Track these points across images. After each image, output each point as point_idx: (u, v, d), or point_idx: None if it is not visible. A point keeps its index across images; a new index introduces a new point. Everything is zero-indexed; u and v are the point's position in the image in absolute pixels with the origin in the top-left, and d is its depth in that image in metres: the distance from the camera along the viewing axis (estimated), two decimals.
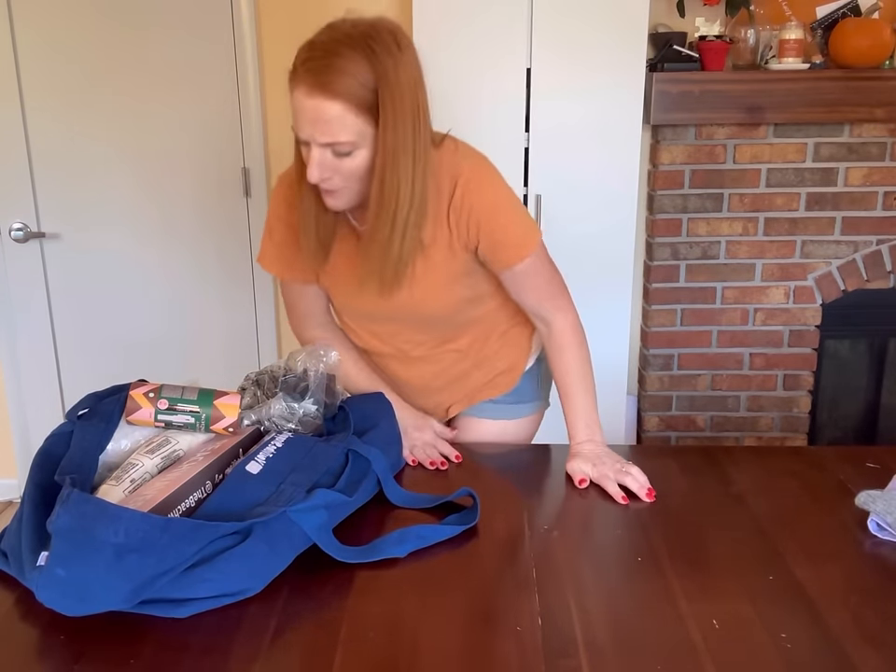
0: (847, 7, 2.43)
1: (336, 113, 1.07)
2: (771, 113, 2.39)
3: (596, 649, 0.85)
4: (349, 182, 1.16)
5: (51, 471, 0.99)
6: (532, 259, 1.28)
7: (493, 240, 1.25)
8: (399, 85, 1.10)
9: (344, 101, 1.07)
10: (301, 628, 0.89)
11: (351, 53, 1.07)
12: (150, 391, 1.11)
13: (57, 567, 0.85)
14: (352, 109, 1.08)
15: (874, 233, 2.57)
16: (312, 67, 1.07)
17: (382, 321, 1.38)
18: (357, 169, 1.13)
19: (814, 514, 1.13)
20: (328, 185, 1.16)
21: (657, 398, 2.72)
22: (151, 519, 0.88)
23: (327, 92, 1.06)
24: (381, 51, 1.08)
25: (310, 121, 1.09)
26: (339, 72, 1.06)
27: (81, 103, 2.53)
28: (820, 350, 2.70)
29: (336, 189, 1.16)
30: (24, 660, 0.84)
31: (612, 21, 2.21)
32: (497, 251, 1.27)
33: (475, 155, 1.27)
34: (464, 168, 1.23)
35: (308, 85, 1.07)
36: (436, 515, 1.13)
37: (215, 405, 1.12)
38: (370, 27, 1.10)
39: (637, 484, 1.19)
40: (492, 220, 1.24)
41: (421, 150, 1.14)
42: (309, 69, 1.08)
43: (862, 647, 0.85)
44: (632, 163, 2.32)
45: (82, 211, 2.62)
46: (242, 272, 2.69)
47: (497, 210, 1.24)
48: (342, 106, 1.07)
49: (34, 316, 2.71)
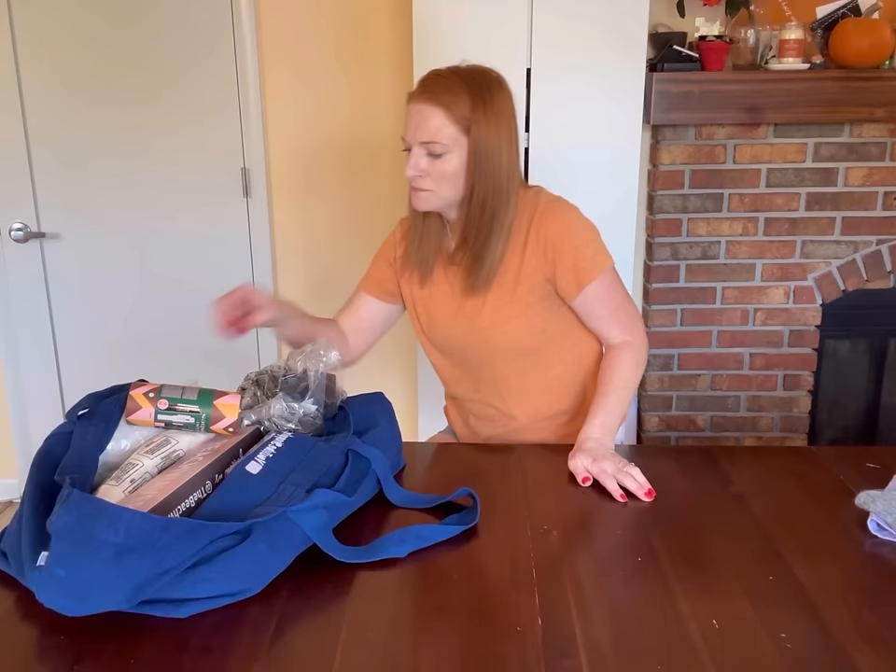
0: (847, 7, 2.43)
1: (435, 117, 1.33)
2: (771, 113, 2.39)
3: (596, 649, 0.85)
4: (438, 185, 1.37)
5: (51, 471, 0.99)
6: (601, 283, 1.41)
7: (565, 264, 1.40)
8: (493, 110, 1.34)
9: (444, 109, 1.32)
10: (300, 628, 0.89)
11: (456, 79, 1.35)
12: (150, 391, 1.11)
13: (57, 568, 0.85)
14: (449, 117, 1.33)
15: (874, 233, 2.57)
16: (424, 86, 1.36)
17: (459, 357, 1.53)
18: (446, 172, 1.36)
19: (814, 514, 1.13)
20: (419, 183, 1.38)
21: (657, 398, 2.72)
22: (151, 519, 0.88)
23: (431, 100, 1.33)
24: (481, 83, 1.35)
25: (414, 124, 1.35)
26: (443, 87, 1.34)
27: (81, 103, 2.53)
28: (820, 350, 2.70)
29: (426, 189, 1.38)
30: (24, 660, 0.84)
31: (612, 21, 2.21)
32: (569, 274, 1.40)
33: (555, 196, 1.46)
34: (542, 202, 1.43)
35: (418, 94, 1.35)
36: (436, 515, 1.13)
37: (215, 405, 1.12)
38: (477, 68, 1.38)
39: (635, 484, 1.19)
40: (565, 243, 1.39)
41: (506, 169, 1.37)
42: (421, 88, 1.36)
43: (862, 647, 0.85)
44: (632, 163, 2.32)
45: (82, 211, 2.63)
46: (242, 272, 2.69)
47: (568, 233, 1.40)
48: (442, 113, 1.32)
49: (34, 316, 2.71)
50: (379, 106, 2.57)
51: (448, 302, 1.49)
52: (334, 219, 2.68)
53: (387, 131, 2.59)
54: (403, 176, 2.59)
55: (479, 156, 1.34)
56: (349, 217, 2.67)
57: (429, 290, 1.51)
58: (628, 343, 1.43)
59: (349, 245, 2.70)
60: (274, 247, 2.70)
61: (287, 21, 2.50)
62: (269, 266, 2.69)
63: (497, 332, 1.44)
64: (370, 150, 2.61)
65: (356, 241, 2.69)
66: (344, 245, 2.70)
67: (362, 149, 2.61)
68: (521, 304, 1.43)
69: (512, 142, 1.38)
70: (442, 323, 1.51)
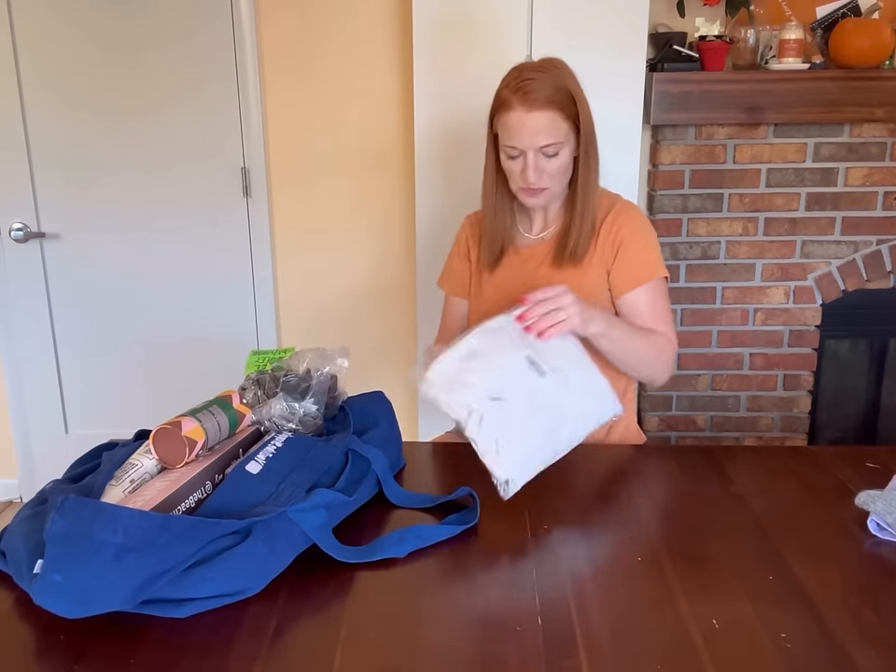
0: (847, 7, 2.43)
1: (549, 121, 1.38)
2: (771, 113, 2.39)
3: (596, 649, 0.85)
4: (553, 180, 1.44)
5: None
6: (653, 287, 1.48)
7: (624, 260, 1.47)
8: (582, 94, 1.41)
9: (555, 109, 1.37)
10: (300, 628, 0.89)
11: (547, 77, 1.38)
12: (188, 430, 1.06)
13: (53, 573, 0.85)
14: (560, 114, 1.38)
15: (874, 233, 2.57)
16: (521, 93, 1.37)
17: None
18: (560, 166, 1.43)
19: (814, 514, 1.13)
20: (540, 184, 1.43)
21: (657, 397, 2.72)
22: (150, 517, 0.88)
23: (540, 105, 1.37)
24: (565, 72, 1.41)
25: (528, 133, 1.38)
26: (545, 89, 1.37)
27: (81, 103, 2.53)
28: (820, 350, 2.70)
29: (544, 187, 1.44)
30: (24, 660, 0.84)
31: (612, 21, 2.21)
32: (623, 271, 1.48)
33: (631, 201, 1.55)
34: (621, 199, 1.53)
35: (524, 104, 1.37)
36: (436, 515, 1.13)
37: (234, 408, 1.14)
38: (548, 61, 1.43)
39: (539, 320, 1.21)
40: (632, 242, 1.47)
41: (597, 152, 1.47)
42: (520, 95, 1.38)
43: (862, 647, 0.85)
44: (632, 163, 2.32)
45: (82, 211, 2.63)
46: (242, 272, 2.69)
47: (639, 235, 1.48)
48: (554, 114, 1.38)
49: (34, 316, 2.71)
50: (379, 105, 2.57)
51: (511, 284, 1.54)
52: (334, 219, 2.67)
53: (387, 130, 2.59)
54: (403, 176, 2.60)
55: (588, 137, 1.43)
56: (349, 216, 2.67)
57: (499, 273, 1.57)
58: (669, 339, 1.49)
59: (349, 244, 2.70)
60: (274, 247, 2.70)
61: (286, 20, 2.50)
62: (269, 266, 2.69)
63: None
64: (370, 150, 2.61)
65: (356, 241, 2.69)
66: (344, 245, 2.70)
67: (362, 149, 2.61)
68: (585, 292, 1.43)
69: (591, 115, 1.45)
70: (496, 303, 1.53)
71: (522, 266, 1.56)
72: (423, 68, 2.27)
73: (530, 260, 1.55)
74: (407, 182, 2.61)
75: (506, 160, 1.45)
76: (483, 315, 1.52)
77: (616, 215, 1.49)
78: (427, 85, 2.28)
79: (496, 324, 1.23)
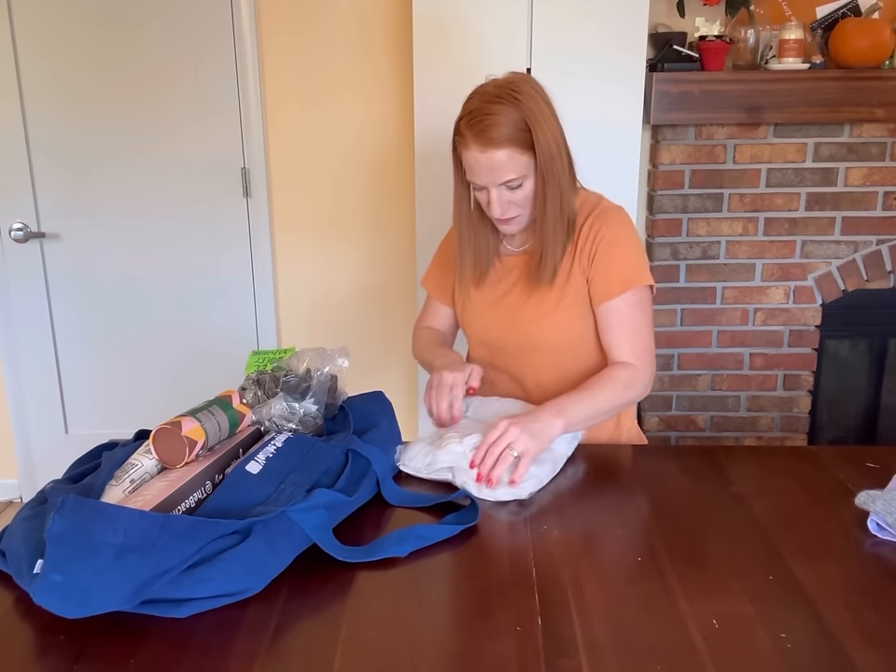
0: (847, 7, 2.43)
1: (506, 157, 1.31)
2: (771, 113, 2.39)
3: (596, 649, 0.85)
4: (522, 208, 1.39)
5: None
6: (632, 297, 1.40)
7: (600, 269, 1.41)
8: (544, 118, 1.33)
9: (510, 146, 1.31)
10: (300, 628, 0.89)
11: (504, 110, 1.31)
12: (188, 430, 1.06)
13: (53, 574, 0.85)
14: (517, 150, 1.32)
15: (874, 233, 2.57)
16: (477, 130, 1.31)
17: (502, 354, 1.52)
18: (528, 195, 1.38)
19: (814, 514, 1.13)
20: (507, 214, 1.39)
21: (657, 398, 2.72)
22: (150, 517, 0.88)
23: (495, 145, 1.30)
24: (524, 98, 1.32)
25: (486, 171, 1.33)
26: (498, 126, 1.30)
27: (81, 102, 2.53)
28: (820, 350, 2.70)
29: (514, 216, 1.40)
30: (24, 660, 0.84)
31: (612, 20, 2.21)
32: (599, 281, 1.41)
33: (616, 204, 1.47)
34: (603, 204, 1.45)
35: (479, 144, 1.31)
36: (436, 515, 1.13)
37: (234, 408, 1.13)
38: (508, 82, 1.34)
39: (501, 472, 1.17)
40: (610, 249, 1.40)
41: (566, 167, 1.39)
42: (475, 133, 1.31)
43: (862, 647, 0.85)
44: (632, 163, 2.32)
45: (82, 211, 2.63)
46: (242, 271, 2.69)
47: (619, 241, 1.41)
48: (509, 151, 1.31)
49: (34, 316, 2.71)
50: (379, 106, 2.57)
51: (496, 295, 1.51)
52: (334, 219, 2.68)
53: (387, 129, 2.59)
54: (403, 175, 2.60)
55: (547, 163, 1.34)
56: (349, 216, 2.67)
57: (483, 287, 1.53)
58: (632, 365, 1.39)
59: (349, 244, 2.70)
60: (274, 247, 2.70)
61: (286, 20, 2.50)
62: (269, 266, 2.69)
63: (538, 327, 1.45)
64: (370, 149, 2.61)
65: (356, 241, 2.69)
66: (344, 245, 2.70)
67: (362, 149, 2.61)
68: (567, 303, 1.42)
69: (559, 131, 1.38)
70: (480, 313, 1.53)
71: (507, 275, 1.51)
72: (423, 69, 2.27)
73: (514, 270, 1.51)
74: (407, 182, 2.61)
75: (474, 189, 1.42)
76: (475, 330, 1.56)
77: (594, 220, 1.42)
78: (427, 84, 2.28)
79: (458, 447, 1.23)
